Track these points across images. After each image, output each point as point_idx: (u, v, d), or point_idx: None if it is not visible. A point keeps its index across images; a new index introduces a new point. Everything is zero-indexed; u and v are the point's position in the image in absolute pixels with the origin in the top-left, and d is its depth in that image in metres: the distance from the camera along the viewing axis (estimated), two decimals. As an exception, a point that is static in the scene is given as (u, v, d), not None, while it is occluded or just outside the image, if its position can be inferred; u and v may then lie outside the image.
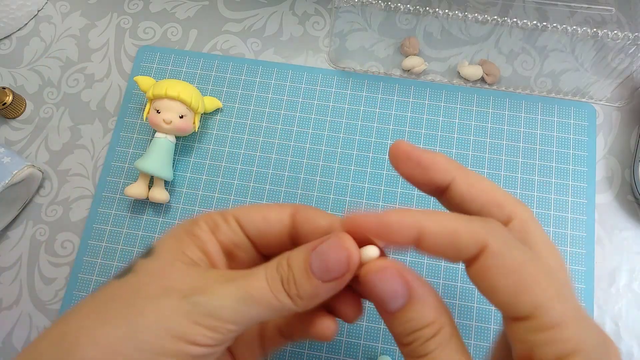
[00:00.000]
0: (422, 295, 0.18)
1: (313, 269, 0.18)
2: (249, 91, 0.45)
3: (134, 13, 0.48)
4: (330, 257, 0.18)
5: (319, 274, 0.18)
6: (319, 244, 0.19)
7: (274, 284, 0.18)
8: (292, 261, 0.19)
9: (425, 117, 0.43)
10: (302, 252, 0.19)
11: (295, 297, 0.18)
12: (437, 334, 0.17)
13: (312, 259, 0.18)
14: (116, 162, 0.43)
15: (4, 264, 0.41)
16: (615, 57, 0.40)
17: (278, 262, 0.19)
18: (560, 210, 0.40)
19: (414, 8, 0.39)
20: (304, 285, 0.18)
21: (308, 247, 0.19)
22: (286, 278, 0.18)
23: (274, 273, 0.19)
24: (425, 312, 0.18)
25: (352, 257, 0.18)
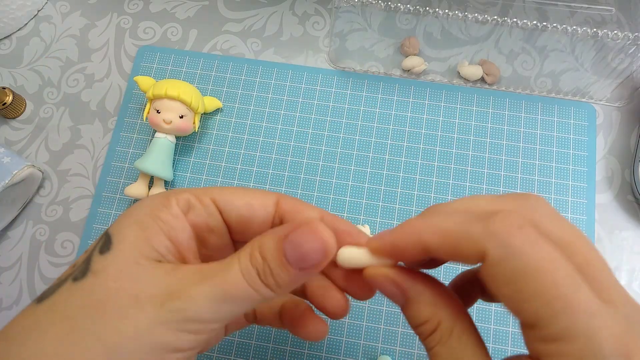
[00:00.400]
0: (416, 295, 0.18)
1: (288, 258, 0.18)
2: (249, 91, 0.45)
3: (134, 13, 0.48)
4: (305, 247, 0.18)
5: (295, 263, 0.18)
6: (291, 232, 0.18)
7: (250, 277, 0.18)
8: (265, 252, 0.18)
9: (425, 117, 0.43)
10: (272, 241, 0.18)
11: (273, 287, 0.18)
12: (435, 331, 0.18)
13: (286, 248, 0.18)
14: (116, 162, 0.43)
15: (4, 264, 0.41)
16: (615, 57, 0.40)
17: (250, 253, 0.18)
18: (560, 210, 0.40)
19: (414, 8, 0.39)
20: (281, 274, 0.18)
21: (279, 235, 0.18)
22: (262, 270, 0.18)
23: (249, 266, 0.18)
24: (420, 311, 0.18)
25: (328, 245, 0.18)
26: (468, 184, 0.41)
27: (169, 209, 0.19)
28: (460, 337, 0.17)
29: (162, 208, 0.19)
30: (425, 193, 0.41)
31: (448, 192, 0.41)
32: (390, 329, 0.38)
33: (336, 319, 0.22)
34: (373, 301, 0.38)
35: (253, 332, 0.38)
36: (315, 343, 0.38)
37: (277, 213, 0.21)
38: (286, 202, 0.21)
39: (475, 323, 0.19)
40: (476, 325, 0.19)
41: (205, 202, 0.20)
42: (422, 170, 0.42)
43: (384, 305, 0.38)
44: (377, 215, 0.41)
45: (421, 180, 0.41)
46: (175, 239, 0.19)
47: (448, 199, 0.41)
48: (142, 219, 0.19)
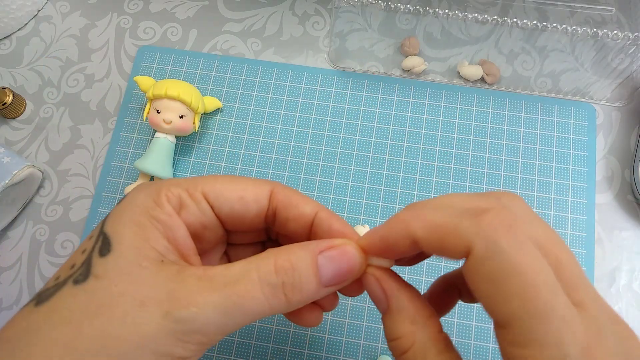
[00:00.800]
0: (398, 307, 0.18)
1: (322, 273, 0.17)
2: (249, 91, 0.45)
3: (134, 13, 0.48)
4: (343, 267, 0.18)
5: (326, 280, 0.18)
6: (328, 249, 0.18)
7: (270, 290, 0.17)
8: (297, 262, 0.17)
9: (425, 117, 0.43)
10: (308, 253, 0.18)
11: (293, 302, 0.17)
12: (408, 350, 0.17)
13: (322, 263, 0.17)
14: (116, 162, 0.43)
15: (4, 264, 0.41)
16: (615, 57, 0.40)
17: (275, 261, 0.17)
18: (560, 210, 0.40)
19: (414, 8, 0.39)
20: (310, 289, 0.17)
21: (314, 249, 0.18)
22: (290, 282, 0.17)
23: (272, 277, 0.17)
24: (398, 323, 0.18)
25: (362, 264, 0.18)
26: (468, 184, 0.41)
27: (162, 208, 0.19)
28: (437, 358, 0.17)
29: (155, 207, 0.18)
30: (425, 193, 0.41)
31: (448, 192, 0.41)
32: (390, 329, 0.38)
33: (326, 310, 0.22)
34: (373, 301, 0.38)
35: (253, 332, 0.38)
36: (316, 343, 0.38)
37: (271, 205, 0.21)
38: (280, 193, 0.20)
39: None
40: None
41: (197, 198, 0.20)
42: (422, 170, 0.42)
43: (384, 305, 0.38)
44: (377, 215, 0.41)
45: (421, 180, 0.41)
46: (173, 239, 0.19)
47: (448, 199, 0.41)
48: (138, 219, 0.18)
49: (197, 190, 0.19)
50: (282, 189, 0.21)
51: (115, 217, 0.18)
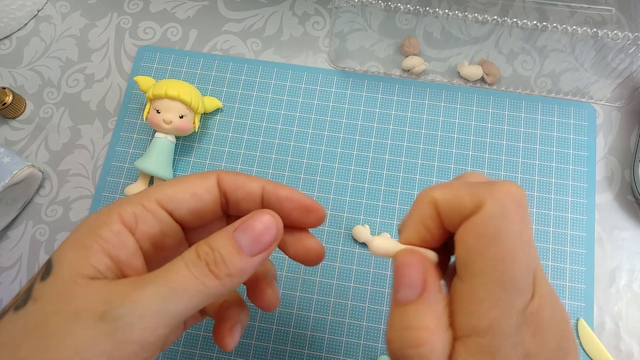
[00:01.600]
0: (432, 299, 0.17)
1: (240, 244, 0.18)
2: (249, 91, 0.45)
3: (134, 13, 0.48)
4: (258, 229, 0.19)
5: (247, 248, 0.18)
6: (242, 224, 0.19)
7: (197, 269, 0.17)
8: (214, 243, 0.18)
9: (425, 117, 0.43)
10: (223, 234, 0.19)
11: (224, 277, 0.18)
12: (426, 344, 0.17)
13: (238, 236, 0.18)
14: (116, 162, 0.43)
15: (4, 264, 0.41)
16: (615, 57, 0.40)
17: (196, 248, 0.18)
18: (560, 210, 0.40)
19: (414, 8, 0.39)
20: (234, 261, 0.18)
21: (228, 229, 0.19)
22: (212, 259, 0.18)
23: (196, 259, 0.18)
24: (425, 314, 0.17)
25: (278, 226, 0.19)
26: (468, 184, 0.41)
27: (109, 226, 0.19)
28: None
29: (102, 225, 0.19)
30: (425, 193, 0.41)
31: (448, 192, 0.41)
32: (390, 329, 0.38)
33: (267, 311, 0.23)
34: (373, 301, 0.38)
35: (253, 332, 0.38)
36: (316, 343, 0.38)
37: (221, 192, 0.21)
38: (226, 179, 0.21)
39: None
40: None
41: (152, 209, 0.20)
42: (422, 170, 0.42)
43: (384, 305, 0.38)
44: (377, 215, 0.41)
45: (421, 180, 0.41)
46: (115, 256, 0.18)
47: (448, 199, 0.41)
48: (82, 239, 0.18)
49: (151, 200, 0.20)
50: (227, 174, 0.21)
51: (63, 242, 0.19)
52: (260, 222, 0.19)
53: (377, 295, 0.39)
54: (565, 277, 0.39)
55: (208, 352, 0.38)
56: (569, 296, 0.38)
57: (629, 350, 0.37)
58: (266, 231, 0.19)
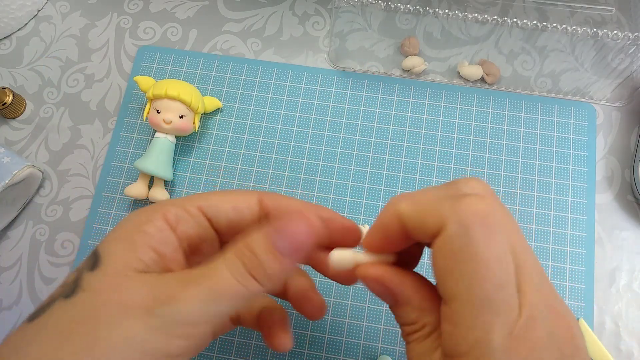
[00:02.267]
0: (404, 299, 0.19)
1: (277, 246, 0.18)
2: (249, 91, 0.45)
3: (134, 13, 0.48)
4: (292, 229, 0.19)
5: (284, 249, 0.18)
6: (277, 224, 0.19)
7: (237, 272, 0.18)
8: (252, 245, 0.18)
9: (425, 117, 0.43)
10: (260, 234, 0.19)
11: (263, 280, 0.18)
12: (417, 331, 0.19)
13: (275, 237, 0.18)
14: (116, 162, 0.43)
15: (4, 264, 0.41)
16: (615, 57, 0.40)
17: (236, 250, 0.19)
18: (560, 210, 0.40)
19: (414, 8, 0.39)
20: (272, 264, 0.18)
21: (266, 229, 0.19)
22: (250, 262, 0.18)
23: (235, 262, 0.18)
24: (407, 312, 0.19)
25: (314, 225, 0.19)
26: (468, 184, 0.41)
27: (153, 222, 0.20)
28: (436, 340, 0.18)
29: (147, 222, 0.20)
30: (425, 193, 0.41)
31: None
32: (390, 329, 0.38)
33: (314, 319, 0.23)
34: (373, 301, 0.38)
35: (253, 332, 0.38)
36: (316, 343, 0.38)
37: (262, 211, 0.22)
38: (269, 199, 0.22)
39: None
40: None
41: (193, 213, 0.21)
42: (422, 170, 0.42)
43: (384, 305, 0.38)
44: (377, 215, 0.41)
45: (421, 180, 0.41)
46: (160, 251, 0.19)
47: (448, 199, 0.41)
48: (128, 234, 0.19)
49: (193, 205, 0.21)
50: (268, 195, 0.22)
51: (108, 236, 0.20)
52: (296, 224, 0.19)
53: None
54: (565, 277, 0.39)
55: (207, 351, 0.38)
56: (569, 296, 0.38)
57: (629, 350, 0.37)
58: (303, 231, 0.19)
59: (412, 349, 0.18)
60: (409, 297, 0.19)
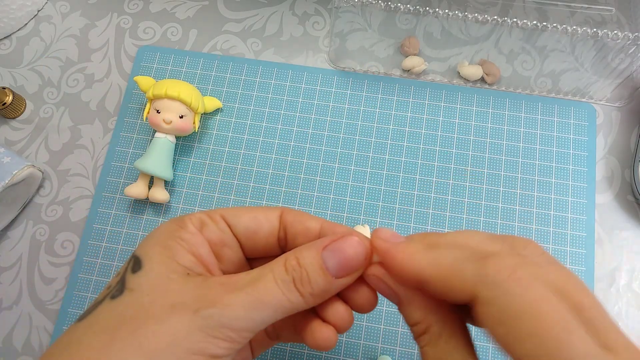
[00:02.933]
0: (407, 299, 0.19)
1: (327, 265, 0.19)
2: (249, 91, 0.45)
3: (134, 13, 0.48)
4: (347, 253, 0.19)
5: (334, 270, 0.19)
6: (331, 243, 0.19)
7: (284, 285, 0.18)
8: (303, 260, 0.19)
9: (425, 117, 0.43)
10: (312, 250, 0.19)
11: (307, 295, 0.19)
12: (425, 332, 0.18)
13: (326, 255, 0.19)
14: (116, 162, 0.43)
15: (4, 264, 0.41)
16: (615, 57, 0.40)
17: (285, 261, 0.19)
18: (560, 210, 0.40)
19: (414, 8, 0.39)
20: (319, 282, 0.19)
21: (317, 245, 0.19)
22: (299, 277, 0.19)
23: (284, 274, 0.19)
24: (412, 312, 0.19)
25: (367, 253, 0.19)
26: (468, 184, 0.41)
27: (185, 229, 0.21)
28: (449, 342, 0.18)
29: (179, 229, 0.20)
30: (425, 193, 0.41)
31: (448, 192, 0.41)
32: (390, 329, 0.38)
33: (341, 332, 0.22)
34: (373, 301, 0.38)
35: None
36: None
37: (282, 225, 0.22)
38: (289, 214, 0.22)
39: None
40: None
41: (216, 219, 0.22)
42: (422, 170, 0.42)
43: (384, 305, 0.38)
44: (377, 215, 0.41)
45: (421, 180, 0.41)
46: (197, 254, 0.20)
47: (448, 199, 0.41)
48: (164, 241, 0.20)
49: (216, 213, 0.22)
50: (290, 210, 0.23)
51: (144, 242, 0.21)
52: (350, 246, 0.19)
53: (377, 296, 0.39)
54: (565, 277, 0.39)
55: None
56: (569, 296, 0.38)
57: (629, 350, 0.37)
58: (355, 256, 0.19)
59: (427, 353, 0.18)
60: (411, 297, 0.19)
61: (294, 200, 0.41)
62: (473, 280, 0.16)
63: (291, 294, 0.18)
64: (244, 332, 0.18)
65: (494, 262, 0.16)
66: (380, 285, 0.20)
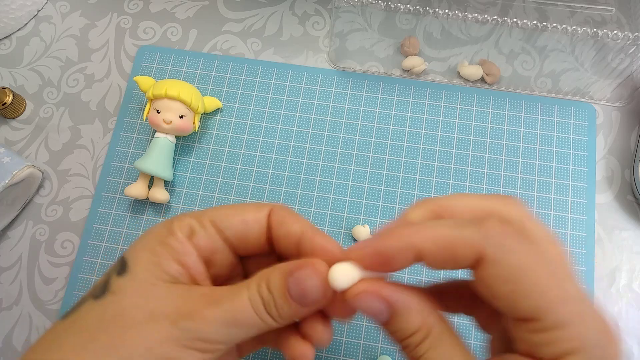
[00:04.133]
0: (404, 307, 0.18)
1: (291, 293, 0.19)
2: (249, 91, 0.45)
3: (134, 13, 0.48)
4: (306, 285, 0.19)
5: (297, 299, 0.19)
6: (295, 269, 0.19)
7: (257, 306, 0.19)
8: (271, 285, 0.19)
9: (425, 117, 0.43)
10: (279, 276, 0.19)
11: (276, 317, 0.19)
12: (426, 338, 0.18)
13: (290, 284, 0.19)
14: (116, 162, 0.43)
15: (4, 264, 0.41)
16: (615, 57, 0.40)
17: (258, 284, 0.19)
18: (560, 210, 0.40)
19: (414, 8, 0.39)
20: (284, 307, 0.19)
21: (284, 271, 0.19)
22: (267, 301, 0.19)
23: (256, 296, 0.19)
24: (410, 321, 0.18)
25: (326, 285, 0.19)
26: (468, 184, 0.41)
27: (174, 236, 0.21)
28: (449, 340, 0.18)
29: (168, 235, 0.21)
30: (425, 193, 0.41)
31: (448, 192, 0.41)
32: (390, 329, 0.38)
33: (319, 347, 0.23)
34: (373, 301, 0.38)
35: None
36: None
37: (268, 225, 0.22)
38: (276, 214, 0.22)
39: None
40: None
41: (205, 225, 0.21)
42: (422, 170, 0.42)
43: (384, 305, 0.38)
44: (377, 215, 0.41)
45: (421, 180, 0.41)
46: (184, 263, 0.20)
47: (448, 199, 0.41)
48: (152, 246, 0.20)
49: (205, 218, 0.22)
50: (279, 209, 0.22)
51: (133, 245, 0.21)
52: (308, 277, 0.19)
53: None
54: (565, 277, 0.39)
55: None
56: (569, 296, 0.38)
57: (629, 350, 0.37)
58: (312, 289, 0.19)
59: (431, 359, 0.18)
60: (409, 302, 0.19)
61: (294, 200, 0.41)
62: (479, 242, 0.17)
63: (263, 315, 0.19)
64: (218, 345, 0.19)
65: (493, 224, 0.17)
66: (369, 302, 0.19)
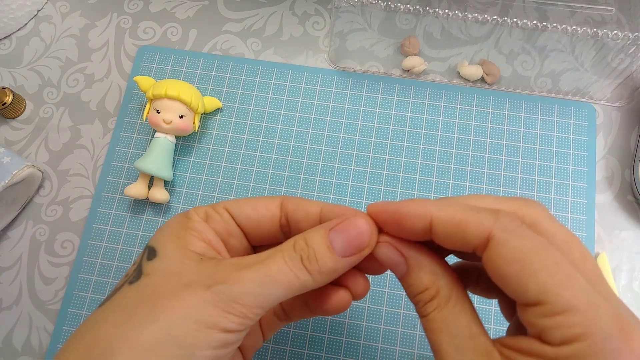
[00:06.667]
0: (417, 264, 0.20)
1: (334, 245, 0.20)
2: (249, 91, 0.45)
3: (134, 13, 0.48)
4: (352, 234, 0.20)
5: (340, 250, 0.20)
6: (338, 224, 0.20)
7: (293, 263, 0.19)
8: (311, 240, 0.20)
9: (425, 117, 0.43)
10: (319, 231, 0.20)
11: (315, 273, 0.20)
12: (434, 298, 0.19)
13: (333, 236, 0.20)
14: (116, 162, 0.43)
15: (4, 264, 0.41)
16: (615, 57, 0.40)
17: (294, 242, 0.20)
18: (560, 210, 0.40)
19: (414, 8, 0.39)
20: (326, 260, 0.19)
21: (325, 227, 0.20)
22: (307, 255, 0.19)
23: (292, 253, 0.20)
24: (421, 278, 0.19)
25: (372, 233, 0.20)
26: (468, 184, 0.41)
27: (192, 221, 0.22)
28: (456, 305, 0.19)
29: (187, 221, 0.22)
30: (425, 193, 0.41)
31: (448, 192, 0.41)
32: (391, 329, 0.38)
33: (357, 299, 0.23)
34: (373, 301, 0.38)
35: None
36: (316, 343, 0.38)
37: (282, 213, 0.23)
38: (290, 202, 0.23)
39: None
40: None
41: (219, 211, 0.23)
42: (422, 170, 0.42)
43: (384, 305, 0.38)
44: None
45: (421, 180, 0.41)
46: (207, 240, 0.22)
47: (448, 199, 0.41)
48: (175, 232, 0.21)
49: (219, 206, 0.23)
50: (290, 198, 0.24)
51: (156, 235, 0.22)
52: (355, 227, 0.20)
53: (377, 296, 0.39)
54: (565, 277, 0.39)
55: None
56: (569, 296, 0.38)
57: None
58: (359, 236, 0.20)
59: (434, 318, 0.19)
60: (422, 260, 0.20)
61: (294, 200, 0.41)
62: (489, 222, 0.17)
63: (299, 272, 0.19)
64: (254, 309, 0.19)
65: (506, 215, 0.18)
66: (389, 252, 0.20)
